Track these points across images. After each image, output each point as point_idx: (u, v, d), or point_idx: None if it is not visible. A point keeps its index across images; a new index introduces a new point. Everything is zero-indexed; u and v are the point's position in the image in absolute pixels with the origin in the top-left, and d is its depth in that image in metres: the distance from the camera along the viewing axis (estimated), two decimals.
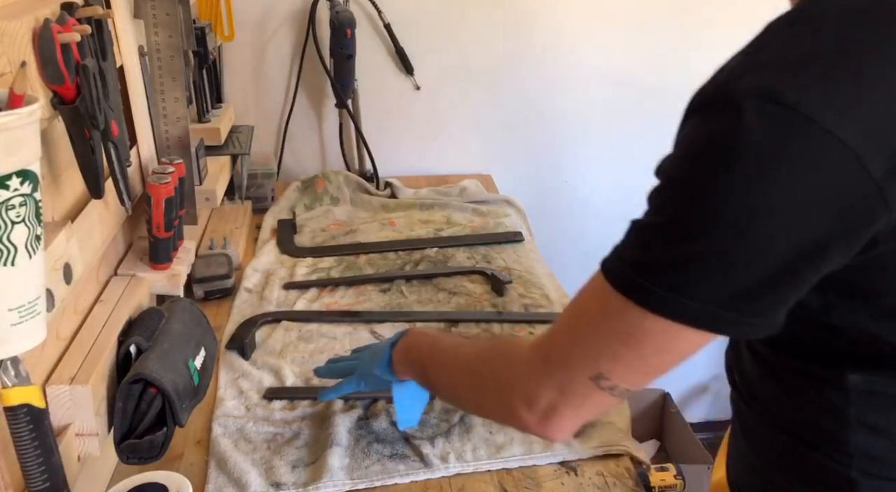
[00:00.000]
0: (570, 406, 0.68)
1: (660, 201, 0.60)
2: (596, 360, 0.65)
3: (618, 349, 0.64)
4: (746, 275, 0.57)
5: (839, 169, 0.53)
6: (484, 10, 1.84)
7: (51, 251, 0.75)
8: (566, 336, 0.69)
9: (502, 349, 0.78)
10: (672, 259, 0.59)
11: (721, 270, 0.57)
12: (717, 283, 0.57)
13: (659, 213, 0.60)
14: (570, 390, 0.68)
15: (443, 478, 0.97)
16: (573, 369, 0.67)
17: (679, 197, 0.59)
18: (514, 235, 1.60)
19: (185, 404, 0.91)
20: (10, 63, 0.70)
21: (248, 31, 1.78)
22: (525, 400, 0.70)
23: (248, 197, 1.70)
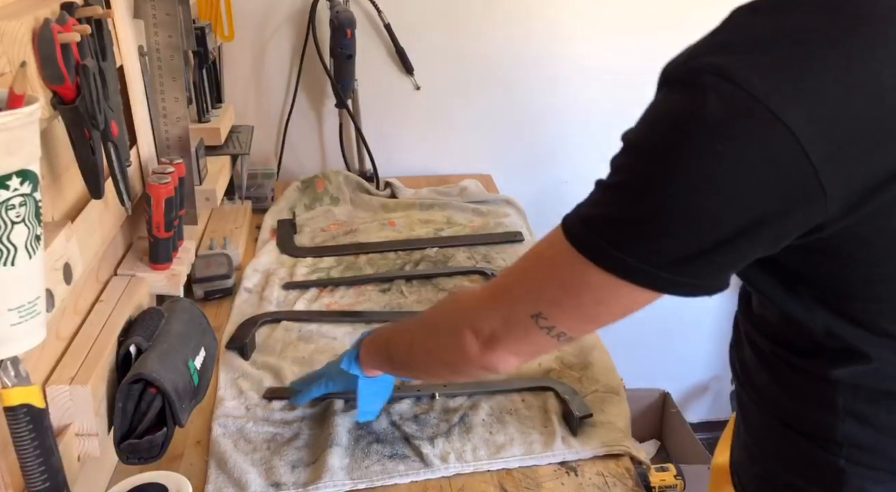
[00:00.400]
0: (510, 339, 0.73)
1: (617, 165, 0.64)
2: (537, 299, 0.70)
3: (558, 294, 0.68)
4: (685, 242, 0.60)
5: (780, 150, 0.55)
6: (484, 10, 1.84)
7: (51, 251, 0.75)
8: (515, 274, 0.74)
9: (454, 296, 0.86)
10: (619, 218, 0.62)
11: (662, 234, 0.60)
12: (657, 245, 0.61)
13: (615, 174, 0.64)
14: (512, 322, 0.72)
15: (443, 478, 0.97)
16: (515, 303, 0.71)
17: (634, 162, 0.63)
18: (514, 235, 1.60)
19: (185, 405, 0.91)
20: (9, 63, 0.70)
21: (248, 31, 1.78)
22: (471, 328, 0.75)
23: (248, 197, 1.70)
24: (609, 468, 0.99)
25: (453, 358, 0.80)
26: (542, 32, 1.88)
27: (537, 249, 0.72)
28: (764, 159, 0.56)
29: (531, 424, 1.05)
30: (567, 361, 1.19)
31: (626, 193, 0.63)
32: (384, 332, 0.97)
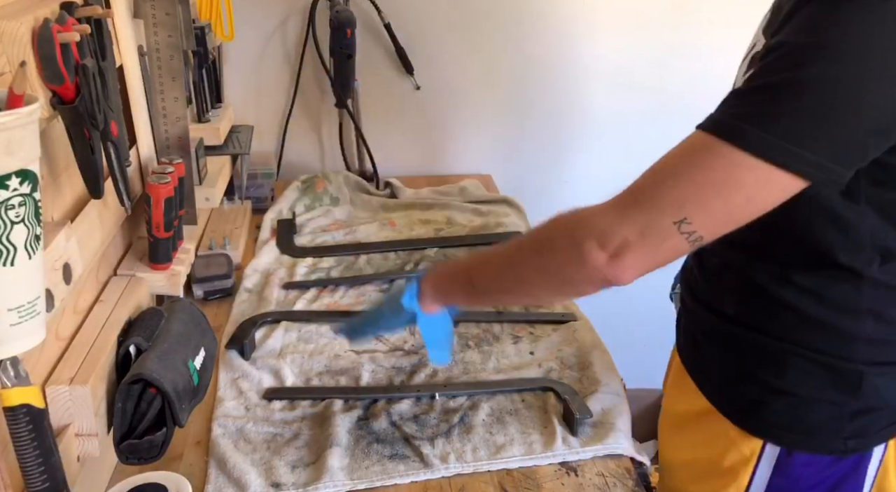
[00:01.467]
0: (645, 247, 0.72)
1: (773, 67, 0.67)
2: (684, 204, 0.69)
3: (708, 196, 0.69)
4: (847, 130, 0.65)
5: None
6: (484, 10, 1.84)
7: (50, 251, 0.75)
8: (657, 181, 0.72)
9: (570, 212, 0.80)
10: (782, 111, 0.66)
11: (833, 121, 0.65)
12: (828, 132, 0.65)
13: (771, 75, 0.67)
14: (651, 230, 0.71)
15: (443, 478, 0.97)
16: (660, 211, 0.70)
17: (797, 59, 0.66)
18: (514, 235, 1.60)
19: (185, 405, 0.91)
20: (9, 63, 0.70)
21: (248, 31, 1.78)
22: (599, 237, 0.73)
23: (247, 197, 1.70)
24: (609, 468, 0.99)
25: (572, 273, 0.77)
26: (544, 32, 1.88)
27: (672, 158, 0.72)
28: None
29: (531, 424, 1.05)
30: (567, 362, 1.19)
31: (789, 87, 0.66)
32: (459, 264, 0.97)
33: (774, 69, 0.67)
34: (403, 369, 1.17)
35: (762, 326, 0.87)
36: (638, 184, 0.74)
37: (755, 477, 0.90)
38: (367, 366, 1.18)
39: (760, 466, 0.90)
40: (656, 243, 0.71)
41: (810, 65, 0.65)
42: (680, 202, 0.69)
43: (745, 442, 0.90)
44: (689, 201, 0.69)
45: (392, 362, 1.19)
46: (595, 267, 0.74)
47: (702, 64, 1.87)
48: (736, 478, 0.91)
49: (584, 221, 0.76)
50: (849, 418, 0.85)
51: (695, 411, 0.96)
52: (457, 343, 1.23)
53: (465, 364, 1.18)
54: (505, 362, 1.19)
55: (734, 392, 0.92)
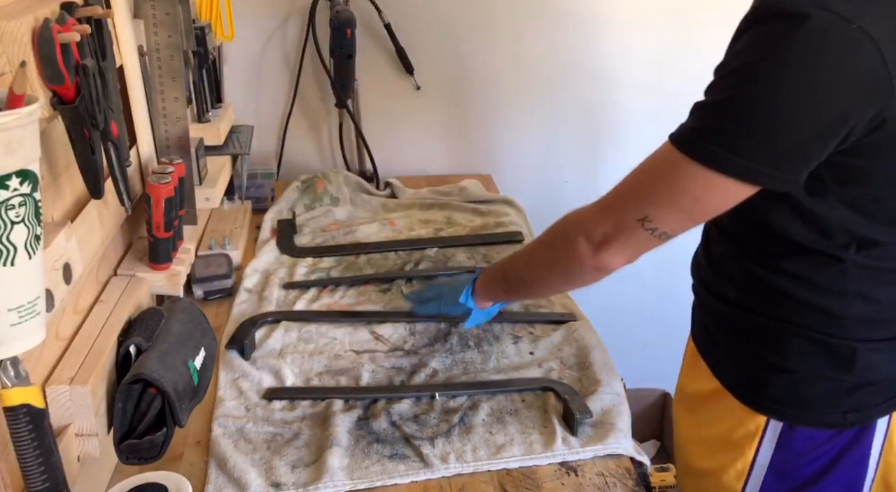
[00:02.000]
0: (619, 240, 0.88)
1: (722, 84, 0.78)
2: (644, 205, 0.84)
3: (663, 197, 0.83)
4: (787, 139, 0.75)
5: (866, 58, 0.72)
6: (483, 10, 1.84)
7: (50, 251, 0.75)
8: (624, 186, 0.89)
9: (567, 215, 0.97)
10: (728, 124, 0.77)
11: (767, 134, 0.75)
12: (763, 144, 0.75)
13: (720, 92, 0.78)
14: (622, 226, 0.87)
15: (443, 478, 0.97)
16: (625, 210, 0.87)
17: (741, 78, 0.76)
18: (514, 235, 1.60)
19: (185, 405, 0.91)
20: (9, 63, 0.70)
21: (248, 31, 1.78)
22: (585, 235, 0.91)
23: (247, 197, 1.70)
24: (609, 468, 0.99)
25: (569, 265, 0.95)
26: (542, 32, 1.88)
27: (643, 165, 0.86)
28: (854, 65, 0.72)
29: (531, 424, 1.05)
30: (567, 362, 1.19)
31: (734, 103, 0.77)
32: (499, 264, 1.15)
33: (722, 87, 0.79)
34: (403, 369, 1.18)
35: (761, 310, 0.94)
36: (616, 187, 0.89)
37: (760, 451, 0.96)
38: (367, 366, 1.18)
39: (765, 440, 0.95)
40: (627, 237, 0.88)
41: (749, 85, 0.75)
42: (641, 203, 0.85)
43: (751, 418, 0.96)
44: (647, 203, 0.84)
45: (392, 362, 1.19)
46: (585, 258, 0.91)
47: (701, 63, 1.86)
48: (742, 453, 0.97)
49: (576, 220, 0.94)
50: (846, 393, 0.91)
51: (706, 391, 1.03)
52: (457, 343, 1.24)
53: (465, 364, 1.18)
54: (505, 362, 1.19)
55: (740, 372, 0.98)
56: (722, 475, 0.99)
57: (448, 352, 1.21)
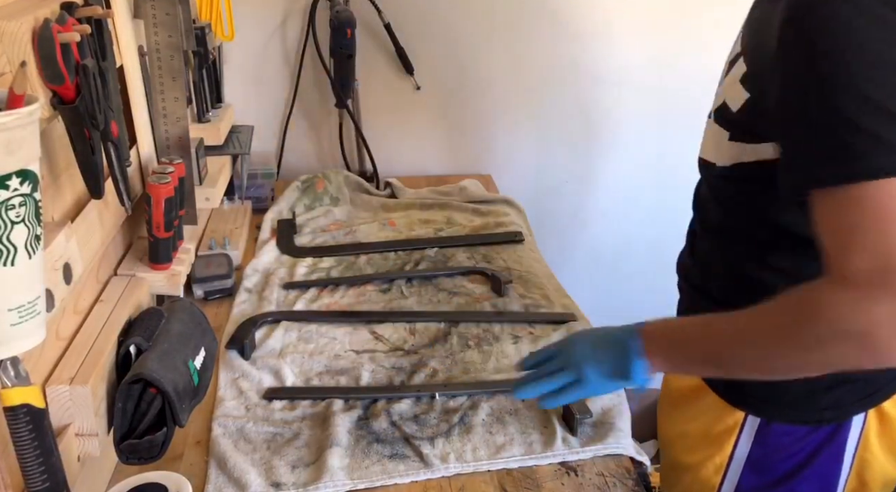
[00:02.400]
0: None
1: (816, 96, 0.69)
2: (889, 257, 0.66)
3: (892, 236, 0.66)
4: None
5: None
6: (483, 11, 1.84)
7: (50, 251, 0.75)
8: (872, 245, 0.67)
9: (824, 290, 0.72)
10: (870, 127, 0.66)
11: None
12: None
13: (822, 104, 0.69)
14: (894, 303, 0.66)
15: (443, 478, 0.97)
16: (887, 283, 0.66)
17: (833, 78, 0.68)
18: (514, 235, 1.60)
19: (185, 405, 0.91)
20: (9, 63, 0.70)
21: (248, 30, 1.78)
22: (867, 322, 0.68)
23: (248, 197, 1.70)
24: (609, 468, 0.99)
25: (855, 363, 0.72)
26: (542, 32, 1.88)
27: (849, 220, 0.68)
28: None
29: (531, 424, 1.05)
30: None
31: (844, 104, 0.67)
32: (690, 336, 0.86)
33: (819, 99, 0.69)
34: (403, 369, 1.18)
35: (743, 305, 0.82)
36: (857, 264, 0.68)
37: (738, 446, 0.96)
38: (367, 366, 1.18)
39: (742, 435, 0.95)
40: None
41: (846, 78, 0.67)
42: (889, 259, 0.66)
43: (730, 414, 0.95)
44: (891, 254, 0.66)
45: (392, 362, 1.19)
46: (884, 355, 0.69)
47: (703, 65, 1.86)
48: (721, 447, 0.97)
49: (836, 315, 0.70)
50: (823, 391, 0.89)
51: (689, 387, 1.02)
52: (457, 343, 1.24)
53: (465, 364, 1.18)
54: (505, 362, 1.19)
55: None
56: (701, 469, 0.99)
57: (448, 352, 1.21)
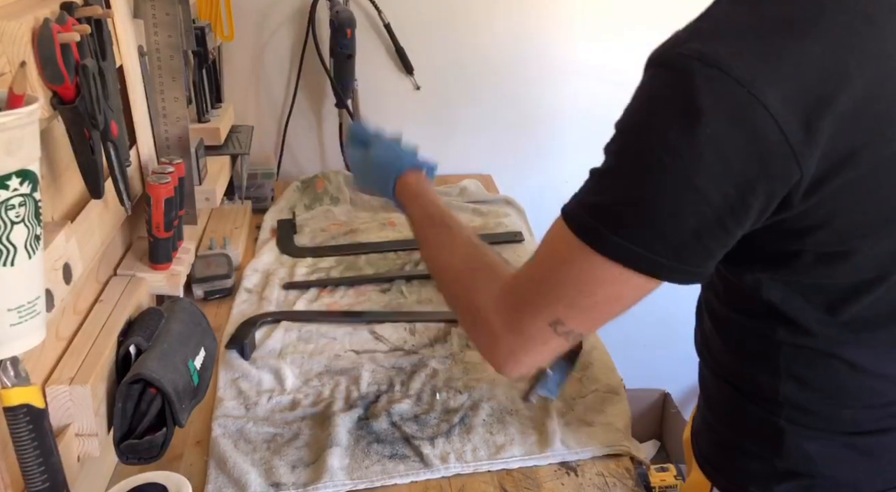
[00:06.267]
0: (528, 352, 0.74)
1: (610, 150, 0.67)
2: (554, 306, 0.71)
3: (574, 296, 0.70)
4: (680, 224, 0.63)
5: (761, 129, 0.59)
6: (484, 10, 1.84)
7: (50, 251, 0.75)
8: (534, 284, 0.73)
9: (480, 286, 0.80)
10: (617, 204, 0.65)
11: (658, 217, 0.63)
12: (656, 229, 0.64)
13: (608, 160, 0.67)
14: (532, 338, 0.73)
15: (443, 478, 0.97)
16: (537, 317, 0.72)
17: (625, 147, 0.66)
18: (514, 235, 1.60)
19: (185, 405, 0.91)
20: (9, 63, 0.70)
21: (248, 31, 1.78)
22: (490, 346, 0.77)
23: (247, 197, 1.70)
24: (609, 468, 0.99)
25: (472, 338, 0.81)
26: (543, 32, 1.88)
27: (545, 250, 0.73)
28: (747, 138, 0.60)
29: (531, 424, 1.05)
30: None
31: (621, 178, 0.66)
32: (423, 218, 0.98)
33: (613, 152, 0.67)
34: (403, 369, 1.17)
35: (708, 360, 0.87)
36: (523, 281, 0.75)
37: None
38: (367, 366, 1.18)
39: None
40: (536, 347, 0.74)
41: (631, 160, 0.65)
42: (553, 306, 0.71)
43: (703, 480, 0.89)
44: (558, 303, 0.70)
45: (392, 362, 1.19)
46: (485, 356, 0.78)
47: None
48: None
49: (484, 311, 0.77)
50: (778, 479, 0.80)
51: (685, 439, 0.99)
52: (457, 343, 1.23)
53: (465, 364, 1.18)
54: None
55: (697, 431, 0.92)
56: None
57: (448, 352, 1.21)
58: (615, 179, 0.66)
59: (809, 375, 0.76)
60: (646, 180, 0.63)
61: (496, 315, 0.76)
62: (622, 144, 0.66)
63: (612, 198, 0.66)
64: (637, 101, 0.65)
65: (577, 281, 0.69)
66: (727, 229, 0.64)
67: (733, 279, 0.76)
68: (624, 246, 0.64)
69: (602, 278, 0.67)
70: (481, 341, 0.78)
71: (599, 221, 0.65)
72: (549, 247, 0.73)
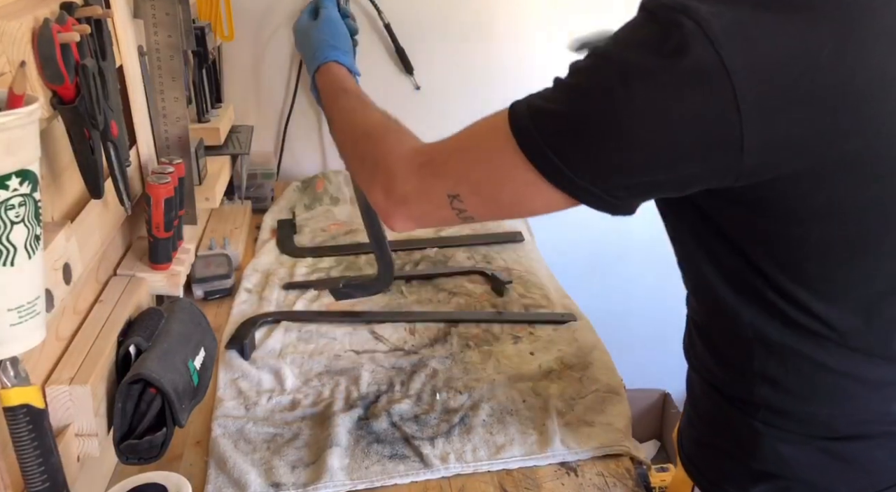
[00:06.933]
0: (419, 208, 0.78)
1: (580, 67, 0.67)
2: (459, 182, 0.73)
3: (482, 182, 0.72)
4: (613, 156, 0.65)
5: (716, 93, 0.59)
6: (484, 10, 1.84)
7: (50, 251, 0.75)
8: (449, 152, 0.76)
9: (391, 139, 0.84)
10: (565, 118, 0.66)
11: (595, 144, 0.65)
12: (588, 153, 0.65)
13: (575, 75, 0.68)
14: (427, 195, 0.76)
15: (443, 479, 0.97)
16: (438, 181, 0.75)
17: (597, 70, 0.66)
18: (514, 235, 1.60)
19: (185, 405, 0.91)
20: (9, 63, 0.70)
21: (248, 31, 1.78)
22: (387, 182, 0.79)
23: (247, 197, 1.70)
24: (609, 469, 0.99)
25: (367, 187, 0.83)
26: (541, 31, 1.88)
27: (476, 130, 0.75)
28: (700, 98, 0.60)
29: (531, 424, 1.05)
30: (567, 362, 1.19)
31: (571, 93, 0.67)
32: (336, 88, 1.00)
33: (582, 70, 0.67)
34: (403, 369, 1.17)
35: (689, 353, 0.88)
36: (441, 146, 0.77)
37: None
38: (367, 366, 1.18)
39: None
40: (429, 208, 0.77)
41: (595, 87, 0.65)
42: (457, 179, 0.73)
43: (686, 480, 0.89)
44: (464, 181, 0.73)
45: (392, 362, 1.19)
46: (377, 202, 0.80)
47: None
48: None
49: (385, 166, 0.80)
50: (752, 481, 0.80)
51: None
52: (457, 343, 1.23)
53: (465, 364, 1.18)
54: (505, 362, 1.19)
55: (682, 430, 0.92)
56: None
57: (448, 352, 1.21)
58: (566, 93, 0.67)
59: (781, 375, 0.76)
60: (592, 103, 0.64)
61: (402, 163, 0.78)
62: (587, 64, 0.67)
63: (557, 108, 0.67)
64: (621, 36, 0.66)
65: (491, 169, 0.71)
66: (654, 178, 0.65)
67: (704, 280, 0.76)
68: (548, 156, 0.66)
69: (515, 177, 0.69)
70: (376, 183, 0.80)
71: (536, 124, 0.67)
72: (480, 128, 0.74)
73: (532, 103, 0.69)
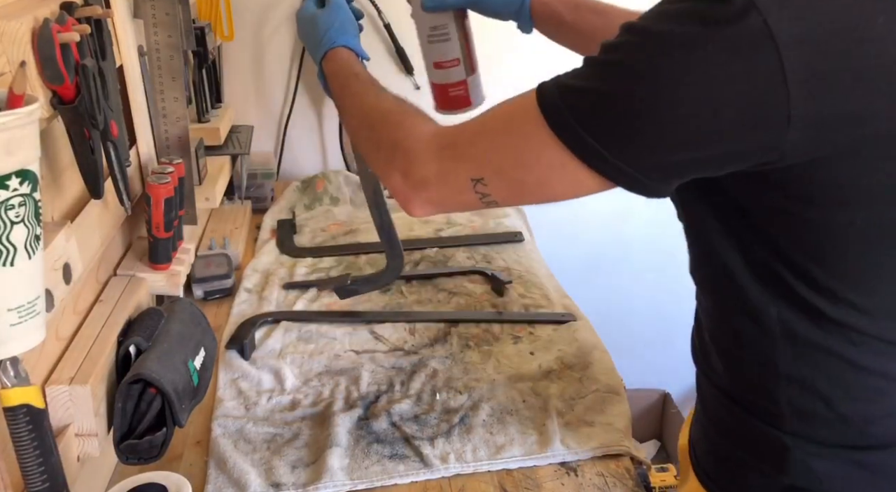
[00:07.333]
0: (440, 192, 0.75)
1: (611, 44, 0.64)
2: (484, 164, 0.71)
3: (508, 165, 0.69)
4: (651, 135, 0.62)
5: (762, 67, 0.57)
6: None
7: (50, 251, 0.75)
8: (472, 134, 0.74)
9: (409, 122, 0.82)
10: (599, 95, 0.63)
11: (632, 122, 0.62)
12: (624, 132, 0.62)
13: (611, 52, 0.64)
14: (449, 180, 0.74)
15: (443, 479, 0.97)
16: (461, 164, 0.72)
17: (626, 44, 0.63)
18: (514, 235, 1.60)
19: (185, 405, 0.91)
20: (9, 63, 0.70)
21: (248, 31, 1.78)
22: (405, 169, 0.76)
23: (247, 197, 1.70)
24: (609, 469, 0.99)
25: (384, 172, 0.81)
26: None
27: (503, 110, 0.72)
28: (745, 69, 0.57)
29: (531, 424, 1.05)
30: (567, 362, 1.19)
31: (606, 70, 0.64)
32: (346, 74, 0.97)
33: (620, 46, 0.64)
34: (403, 369, 1.17)
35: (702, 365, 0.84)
36: (463, 128, 0.75)
37: None
38: (367, 366, 1.18)
39: None
40: (450, 193, 0.75)
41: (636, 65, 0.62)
42: (482, 162, 0.71)
43: None
44: (488, 164, 0.71)
45: (392, 362, 1.19)
46: (395, 186, 0.78)
47: None
48: None
49: (408, 140, 0.78)
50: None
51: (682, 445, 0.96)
52: (457, 343, 1.23)
53: (465, 364, 1.18)
54: (505, 362, 1.19)
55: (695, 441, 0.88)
56: None
57: (448, 352, 1.21)
58: (601, 69, 0.64)
59: (811, 376, 0.72)
60: (630, 77, 0.62)
61: (422, 146, 0.76)
62: (622, 40, 0.63)
63: (590, 85, 0.64)
64: (653, 9, 0.63)
65: (518, 151, 0.68)
66: (694, 157, 0.62)
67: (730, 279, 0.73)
68: (580, 134, 0.63)
69: (543, 159, 0.66)
70: (394, 167, 0.77)
71: (567, 103, 0.65)
72: (505, 109, 0.72)
73: (562, 82, 0.66)
